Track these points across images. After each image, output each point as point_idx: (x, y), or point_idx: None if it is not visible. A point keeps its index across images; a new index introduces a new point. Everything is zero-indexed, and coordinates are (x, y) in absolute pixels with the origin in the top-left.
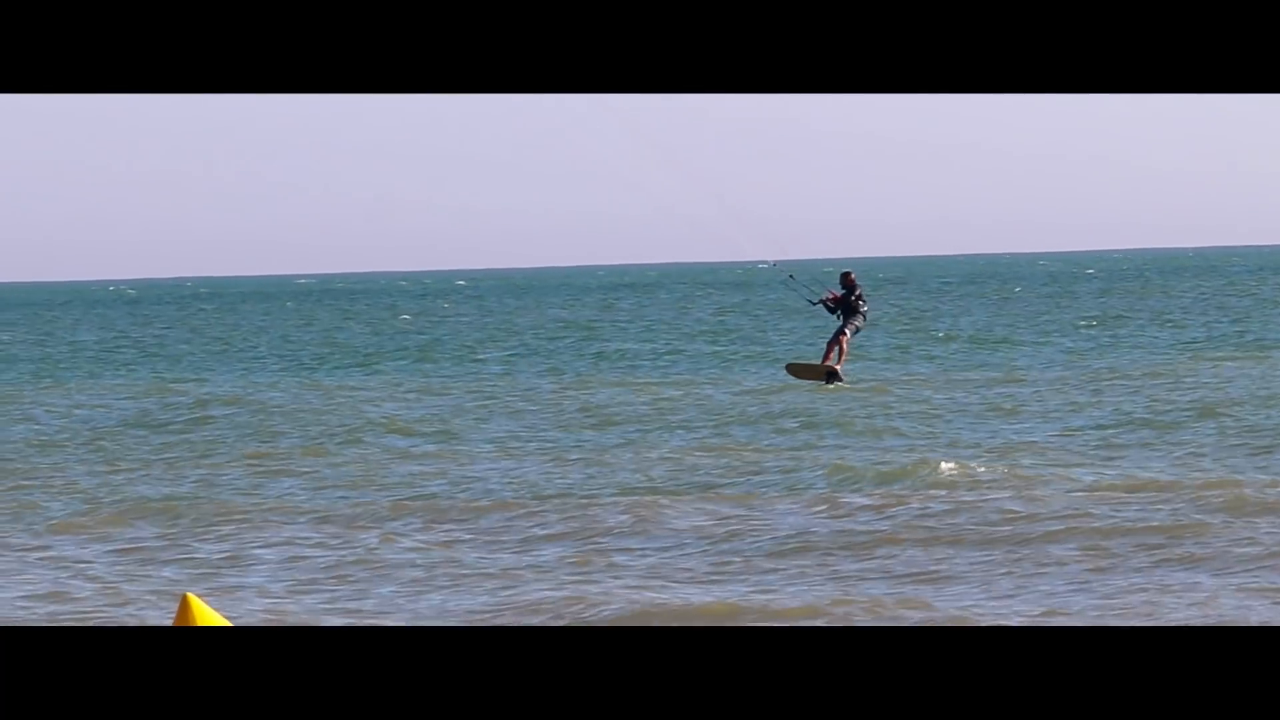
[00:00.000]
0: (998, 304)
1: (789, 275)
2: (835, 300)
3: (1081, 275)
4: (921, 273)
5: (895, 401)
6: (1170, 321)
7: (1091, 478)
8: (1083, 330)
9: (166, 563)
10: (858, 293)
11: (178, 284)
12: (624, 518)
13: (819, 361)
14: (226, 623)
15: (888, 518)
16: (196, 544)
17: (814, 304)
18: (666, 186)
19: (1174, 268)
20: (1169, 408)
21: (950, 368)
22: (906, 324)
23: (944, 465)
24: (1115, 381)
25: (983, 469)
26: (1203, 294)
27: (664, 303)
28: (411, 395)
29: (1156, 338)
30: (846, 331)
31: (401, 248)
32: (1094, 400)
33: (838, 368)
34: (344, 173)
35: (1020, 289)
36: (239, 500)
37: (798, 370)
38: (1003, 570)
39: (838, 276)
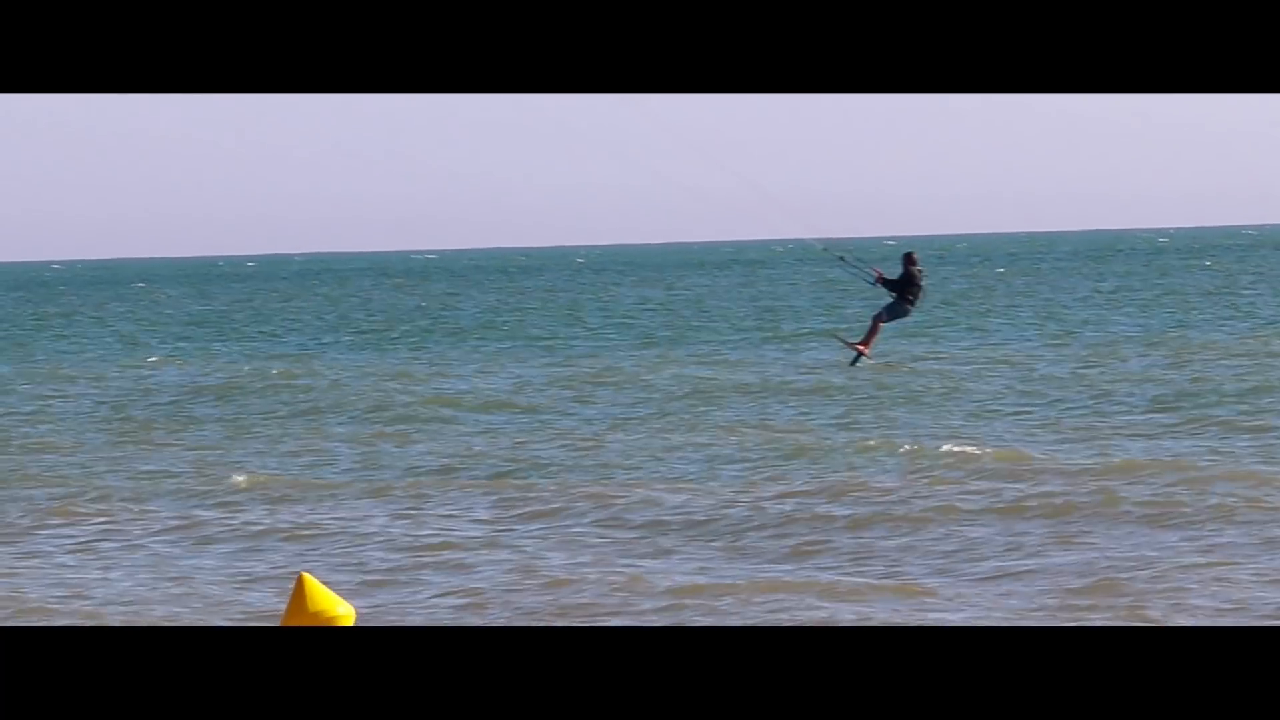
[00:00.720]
0: (1088, 280)
1: (839, 256)
2: (884, 280)
3: (1196, 250)
4: (1037, 249)
5: (926, 379)
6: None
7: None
8: (1150, 309)
9: (274, 541)
10: (911, 272)
11: (306, 259)
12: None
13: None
14: (340, 601)
15: (853, 501)
16: (293, 521)
17: (872, 284)
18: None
19: None
20: (1209, 387)
21: (1000, 344)
22: (997, 301)
23: (947, 447)
24: (1166, 360)
25: (988, 450)
26: None
27: (773, 279)
28: (481, 372)
29: (1235, 316)
30: (884, 315)
31: (523, 224)
32: (1135, 378)
33: (864, 349)
34: (469, 150)
35: (1124, 267)
36: (319, 478)
37: (844, 343)
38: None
39: (900, 257)
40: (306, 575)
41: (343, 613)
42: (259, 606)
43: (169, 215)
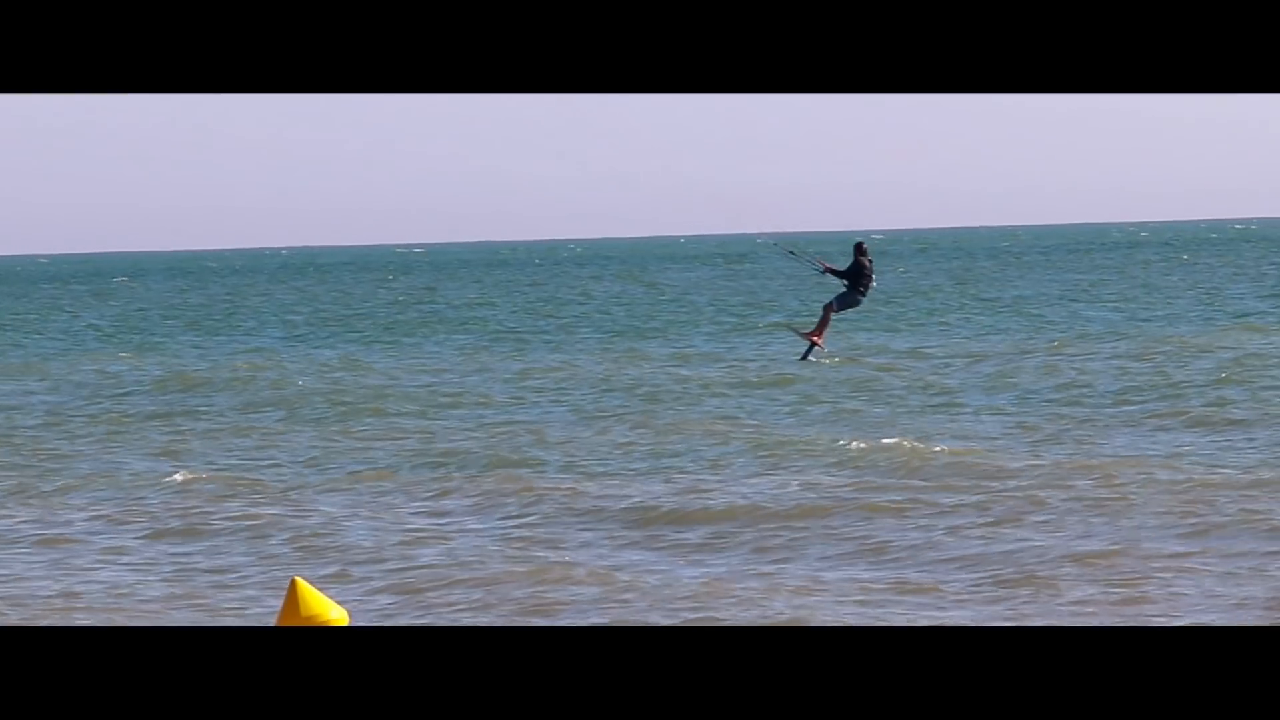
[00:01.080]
0: (1066, 274)
1: (789, 251)
2: (832, 270)
3: (1176, 245)
4: (1019, 243)
5: (892, 374)
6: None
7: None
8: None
9: (236, 538)
10: (860, 263)
11: (292, 253)
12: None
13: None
14: (333, 605)
15: (814, 496)
16: (255, 517)
17: (821, 274)
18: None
19: None
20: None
21: (966, 338)
22: (960, 294)
23: (890, 440)
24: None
25: (950, 445)
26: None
27: (753, 272)
28: (451, 367)
29: (1200, 308)
30: (834, 304)
31: (511, 217)
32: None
33: (818, 340)
34: (459, 144)
35: (1106, 260)
36: (288, 476)
37: (797, 333)
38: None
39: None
40: (299, 579)
41: (336, 617)
42: (227, 605)
43: (159, 210)
